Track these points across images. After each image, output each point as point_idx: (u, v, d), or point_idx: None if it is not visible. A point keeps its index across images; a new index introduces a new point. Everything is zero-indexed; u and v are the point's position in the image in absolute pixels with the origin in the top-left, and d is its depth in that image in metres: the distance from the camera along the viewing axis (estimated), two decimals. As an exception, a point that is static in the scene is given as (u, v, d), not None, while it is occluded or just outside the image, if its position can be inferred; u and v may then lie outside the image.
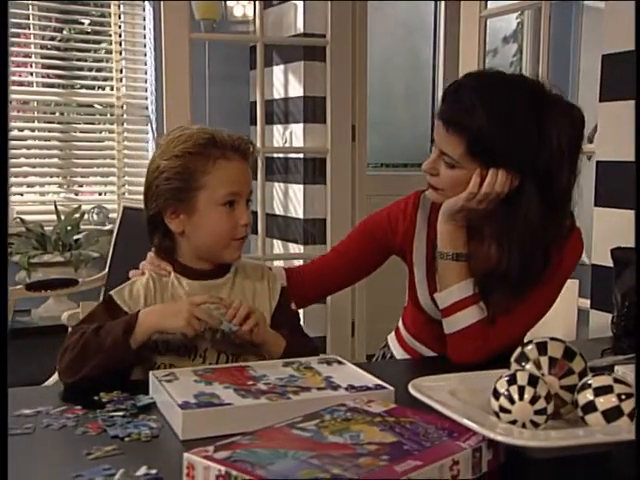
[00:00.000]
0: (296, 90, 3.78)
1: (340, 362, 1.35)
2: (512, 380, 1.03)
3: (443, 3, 4.55)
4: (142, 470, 0.96)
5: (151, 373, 1.26)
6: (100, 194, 4.24)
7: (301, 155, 3.77)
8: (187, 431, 1.08)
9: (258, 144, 3.49)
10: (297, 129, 3.77)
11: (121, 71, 4.14)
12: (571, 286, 1.99)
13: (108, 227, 3.89)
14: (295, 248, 3.83)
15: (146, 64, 4.17)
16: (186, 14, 3.31)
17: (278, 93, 3.92)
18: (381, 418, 1.05)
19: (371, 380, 1.24)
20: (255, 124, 4.02)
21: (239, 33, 4.09)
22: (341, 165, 3.66)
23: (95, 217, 3.99)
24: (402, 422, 1.03)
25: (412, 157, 4.77)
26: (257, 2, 3.41)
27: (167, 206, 1.39)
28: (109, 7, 4.16)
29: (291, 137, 3.82)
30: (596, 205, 2.23)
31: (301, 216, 3.76)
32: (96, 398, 1.23)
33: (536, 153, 1.43)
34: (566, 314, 1.96)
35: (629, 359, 1.39)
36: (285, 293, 1.53)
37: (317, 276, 1.71)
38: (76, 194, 4.14)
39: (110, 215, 4.03)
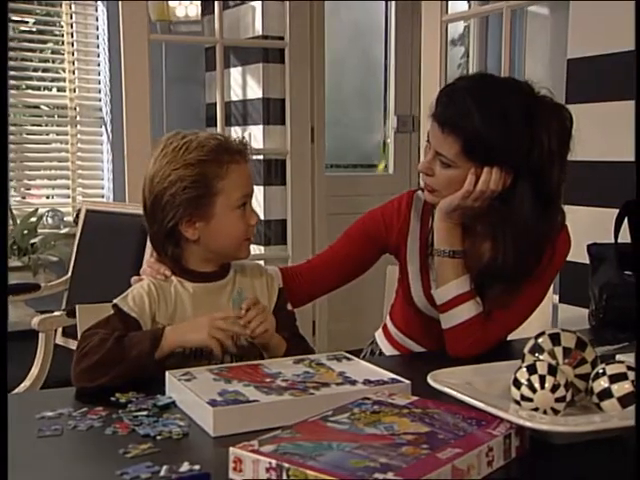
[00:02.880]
0: (255, 92, 3.80)
1: (348, 358, 1.39)
2: (532, 370, 1.09)
3: (394, 4, 4.62)
4: (185, 466, 0.98)
5: (168, 373, 1.27)
6: (47, 197, 4.16)
7: (261, 157, 3.80)
8: (218, 428, 1.09)
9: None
10: (256, 131, 3.80)
11: (73, 72, 4.09)
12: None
13: (64, 230, 3.85)
14: (255, 249, 3.85)
15: (99, 65, 4.12)
16: (144, 15, 3.30)
17: (236, 95, 3.94)
18: (408, 410, 1.09)
19: (385, 374, 1.28)
20: (211, 126, 4.04)
21: (183, 34, 4.06)
22: (301, 166, 3.71)
23: (50, 220, 3.93)
24: (429, 413, 1.07)
25: (364, 158, 4.83)
26: (216, 3, 3.42)
27: (184, 215, 1.40)
28: (54, 6, 4.10)
29: (250, 139, 3.83)
30: (563, 203, 2.31)
31: (261, 217, 3.78)
32: (113, 399, 1.24)
33: (529, 152, 1.49)
34: (541, 309, 2.03)
35: (621, 348, 1.47)
36: (283, 294, 1.56)
37: (314, 275, 1.74)
38: (23, 197, 4.06)
39: (65, 218, 3.98)
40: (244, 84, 3.89)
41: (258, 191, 3.80)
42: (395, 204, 1.71)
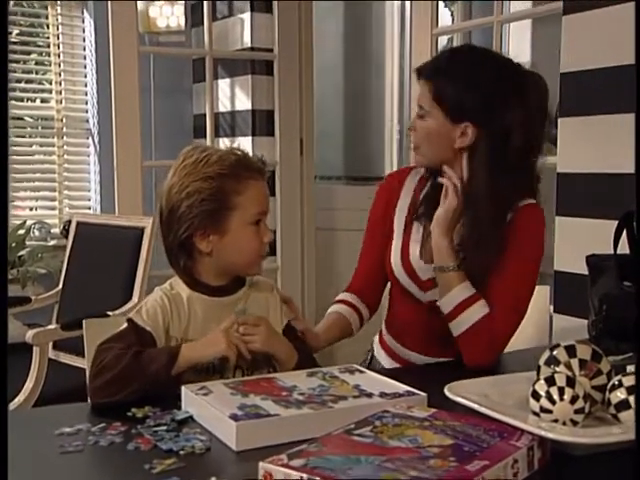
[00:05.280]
0: (244, 103, 3.81)
1: (361, 371, 1.40)
2: (551, 382, 1.10)
3: (397, 15, 4.65)
4: (213, 481, 0.98)
5: (184, 387, 1.27)
6: (31, 209, 4.11)
7: (250, 168, 3.80)
8: (241, 442, 1.10)
9: (208, 158, 3.50)
10: (245, 142, 3.80)
11: (60, 83, 4.07)
12: (542, 292, 2.09)
13: (52, 243, 3.82)
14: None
15: (86, 76, 4.11)
16: (134, 28, 3.30)
17: (224, 106, 3.94)
18: (429, 422, 1.10)
19: (399, 387, 1.29)
20: (199, 137, 4.04)
21: (167, 44, 4.04)
22: (290, 178, 3.72)
23: (37, 233, 3.90)
24: (451, 425, 1.08)
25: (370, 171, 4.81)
26: (205, 15, 3.43)
27: (199, 227, 1.41)
28: (39, 17, 4.09)
29: (238, 150, 3.84)
30: (557, 214, 2.34)
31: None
32: (130, 414, 1.24)
33: (497, 111, 1.59)
34: (538, 320, 2.05)
35: (628, 359, 1.49)
36: None
37: (366, 285, 1.82)
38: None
39: (52, 230, 3.95)
40: (232, 96, 3.90)
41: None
42: (394, 173, 1.91)
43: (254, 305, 1.49)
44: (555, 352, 1.19)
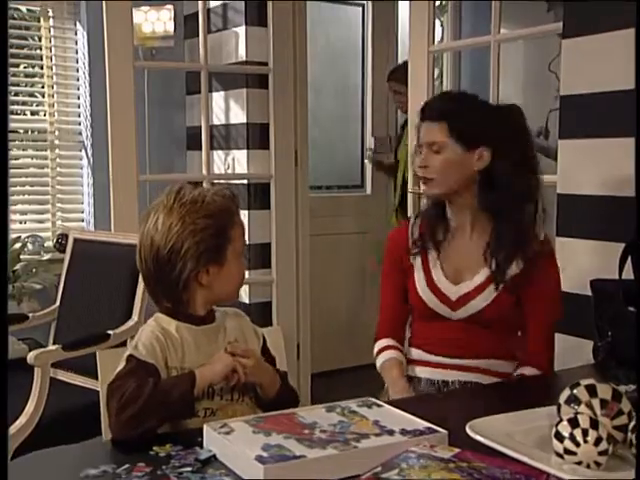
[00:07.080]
0: (238, 117, 3.81)
1: (378, 405, 1.41)
2: (575, 423, 1.12)
3: (370, 30, 4.69)
4: (245, 528, 0.99)
5: (206, 425, 1.28)
6: (21, 222, 4.06)
7: (245, 181, 3.80)
8: (269, 485, 1.11)
9: (204, 171, 3.51)
10: (240, 155, 3.80)
11: (53, 96, 4.05)
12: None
13: (45, 257, 3.80)
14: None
15: (79, 89, 4.09)
16: (130, 42, 3.29)
17: (218, 119, 3.94)
18: (454, 464, 1.11)
19: (419, 423, 1.30)
20: (193, 149, 4.05)
21: (157, 57, 4.02)
22: (285, 189, 3.73)
23: (30, 246, 3.87)
24: (476, 467, 1.10)
25: (343, 179, 4.86)
26: (201, 29, 3.42)
27: (202, 263, 1.47)
28: (29, 29, 4.06)
29: (233, 163, 3.85)
30: (558, 235, 2.36)
31: (246, 242, 3.78)
32: (152, 453, 1.24)
33: (501, 132, 1.87)
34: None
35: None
36: (265, 339, 1.65)
37: (398, 324, 2.03)
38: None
39: (45, 244, 3.92)
40: (227, 108, 3.90)
41: (243, 215, 3.78)
42: (396, 233, 2.05)
43: (232, 332, 1.55)
44: (575, 391, 1.21)
